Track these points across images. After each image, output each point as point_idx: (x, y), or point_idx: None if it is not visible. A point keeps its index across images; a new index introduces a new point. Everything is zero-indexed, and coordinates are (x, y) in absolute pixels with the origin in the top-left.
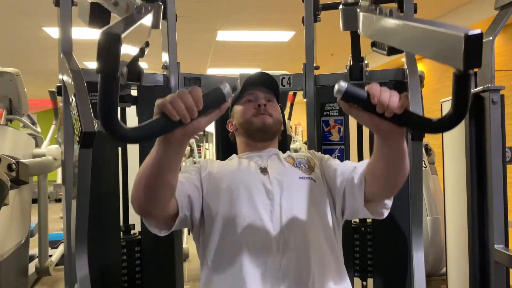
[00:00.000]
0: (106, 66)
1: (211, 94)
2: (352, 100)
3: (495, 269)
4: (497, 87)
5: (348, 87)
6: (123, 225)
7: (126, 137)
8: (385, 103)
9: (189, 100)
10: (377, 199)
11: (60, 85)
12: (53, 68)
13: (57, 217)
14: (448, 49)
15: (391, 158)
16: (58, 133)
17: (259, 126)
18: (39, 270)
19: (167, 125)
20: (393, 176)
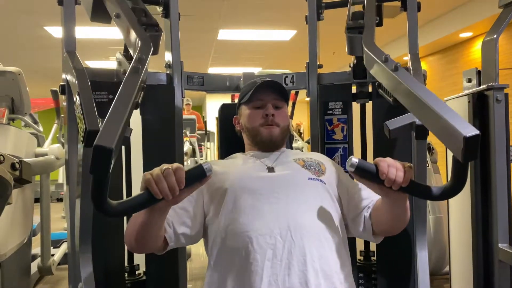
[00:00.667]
0: (99, 172)
1: (194, 172)
2: (363, 174)
3: (499, 268)
4: (501, 86)
5: (360, 163)
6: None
7: (114, 213)
8: (392, 179)
9: (173, 182)
10: (381, 235)
11: (64, 84)
12: (54, 67)
13: (59, 216)
14: (449, 138)
15: (395, 214)
16: (60, 132)
17: (266, 138)
18: (42, 269)
19: (150, 200)
20: (396, 225)
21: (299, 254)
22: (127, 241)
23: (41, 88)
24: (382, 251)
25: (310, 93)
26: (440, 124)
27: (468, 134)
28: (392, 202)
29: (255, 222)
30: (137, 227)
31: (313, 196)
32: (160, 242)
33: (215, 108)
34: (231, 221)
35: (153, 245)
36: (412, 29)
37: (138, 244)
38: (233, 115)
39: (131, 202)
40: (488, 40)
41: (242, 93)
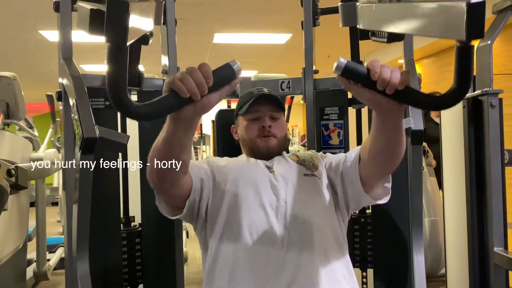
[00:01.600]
0: (115, 34)
1: (221, 71)
2: (351, 77)
3: (494, 272)
4: (496, 91)
5: (348, 63)
6: (124, 229)
7: (136, 113)
8: (387, 79)
9: (199, 76)
10: (375, 180)
11: (61, 91)
12: (50, 71)
13: (54, 221)
14: (450, 21)
15: (390, 135)
16: (55, 136)
17: (264, 149)
18: (37, 274)
19: (177, 102)
20: (392, 152)
21: (298, 250)
22: (148, 171)
23: (36, 92)
24: (379, 254)
25: (306, 99)
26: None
27: (472, 1)
28: (385, 117)
29: (256, 217)
30: (160, 146)
31: (310, 192)
32: (183, 176)
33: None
34: (232, 214)
35: (176, 174)
36: (407, 37)
37: (159, 170)
38: (230, 121)
39: (156, 104)
40: (483, 46)
41: (239, 103)
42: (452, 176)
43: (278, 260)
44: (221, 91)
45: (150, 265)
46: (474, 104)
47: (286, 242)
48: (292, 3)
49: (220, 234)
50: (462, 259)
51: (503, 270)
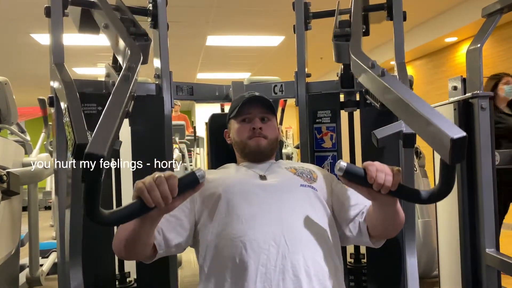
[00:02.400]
0: (90, 179)
1: (186, 179)
2: (351, 178)
3: (486, 273)
4: (486, 94)
5: (348, 167)
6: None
7: (107, 222)
8: (381, 184)
9: (165, 190)
10: (376, 238)
11: (52, 96)
12: (41, 74)
13: (47, 225)
14: (437, 141)
15: (386, 218)
16: (47, 140)
17: (254, 149)
18: (30, 280)
19: (142, 208)
20: (389, 228)
21: (293, 260)
22: (115, 248)
23: (28, 96)
24: (372, 256)
25: (299, 102)
26: (427, 127)
27: (455, 136)
28: (381, 206)
29: (249, 228)
30: (127, 235)
31: (305, 202)
32: (149, 250)
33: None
34: (225, 226)
35: (142, 253)
36: (398, 38)
37: (127, 251)
38: (223, 125)
39: (123, 211)
40: (473, 49)
41: (231, 107)
42: None
43: (273, 270)
44: (185, 195)
45: (143, 269)
46: (465, 107)
47: (281, 251)
48: (285, 5)
49: (213, 249)
50: (455, 260)
51: (495, 271)
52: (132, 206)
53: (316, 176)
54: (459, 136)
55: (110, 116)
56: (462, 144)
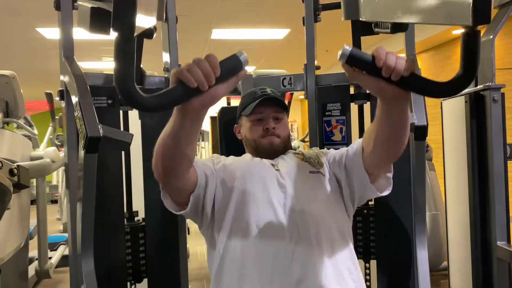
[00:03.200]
0: (122, 23)
1: (228, 61)
2: (356, 64)
3: (497, 266)
4: (498, 86)
5: (353, 50)
6: (127, 223)
7: (144, 104)
8: (392, 66)
9: (206, 67)
10: (379, 170)
11: (63, 89)
12: (48, 69)
13: (54, 218)
14: (456, 7)
15: (395, 122)
16: (54, 134)
17: (267, 148)
18: (39, 272)
19: (185, 93)
20: (397, 139)
21: (307, 246)
22: (153, 163)
23: (35, 90)
24: (382, 246)
25: (308, 95)
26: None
27: None
28: (390, 106)
29: (264, 213)
30: (166, 139)
31: (315, 188)
32: (187, 171)
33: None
34: (241, 210)
35: (181, 168)
36: (409, 31)
37: (164, 163)
38: (232, 118)
39: (164, 95)
40: (485, 40)
41: (242, 104)
42: (454, 171)
43: (287, 256)
44: (228, 82)
45: (154, 259)
46: (476, 99)
47: (295, 238)
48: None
49: (228, 232)
50: (465, 253)
51: (506, 264)
52: (173, 89)
53: (322, 161)
54: None
55: None
56: None
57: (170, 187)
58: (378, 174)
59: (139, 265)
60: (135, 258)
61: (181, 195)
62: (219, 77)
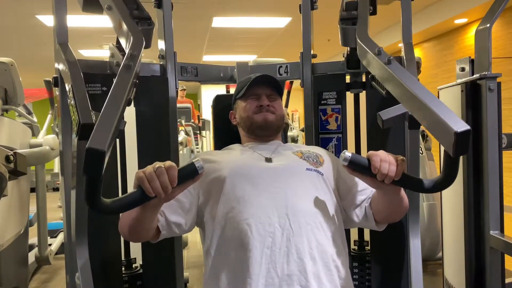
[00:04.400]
0: (92, 172)
1: (186, 169)
2: (356, 168)
3: (490, 255)
4: (494, 75)
5: (353, 157)
6: None
7: (108, 211)
8: (384, 174)
9: (165, 181)
10: (383, 222)
11: (57, 76)
12: (48, 56)
13: (55, 206)
14: (441, 133)
15: (391, 205)
16: (54, 122)
17: (261, 123)
18: (39, 259)
19: (143, 198)
20: (393, 213)
21: (298, 243)
22: (121, 231)
23: (34, 77)
24: (376, 239)
25: (304, 83)
26: (432, 119)
27: (459, 130)
28: (385, 193)
29: (254, 210)
30: (130, 221)
31: (310, 186)
32: (152, 232)
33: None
34: (230, 209)
35: (146, 235)
36: (406, 18)
37: (131, 235)
38: (227, 106)
39: (124, 200)
40: (482, 29)
41: (238, 88)
42: None
43: (279, 253)
44: (184, 185)
45: (149, 250)
46: (472, 88)
47: (286, 234)
48: None
49: (219, 233)
50: (459, 242)
51: (499, 253)
52: (133, 195)
53: (322, 160)
54: (463, 130)
55: (111, 109)
56: (466, 137)
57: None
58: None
59: (133, 259)
60: (129, 251)
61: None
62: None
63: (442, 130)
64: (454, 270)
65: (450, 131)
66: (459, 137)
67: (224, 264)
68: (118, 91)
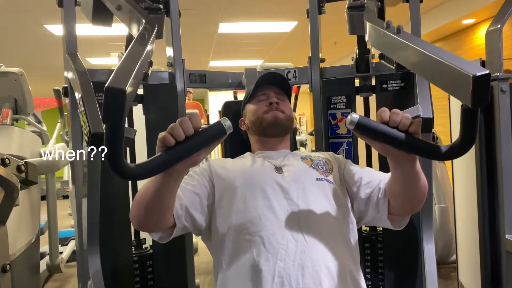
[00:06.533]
0: (112, 117)
1: (213, 128)
2: (364, 131)
3: (506, 259)
4: (506, 76)
5: (360, 119)
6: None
7: (131, 175)
8: (396, 122)
9: (189, 127)
10: (400, 214)
11: (67, 86)
12: (56, 65)
13: (66, 214)
14: (457, 84)
15: (405, 180)
16: (64, 130)
17: (271, 121)
18: (50, 267)
19: (170, 159)
20: (410, 196)
21: (312, 255)
22: (133, 216)
23: (43, 86)
24: (388, 243)
25: (313, 88)
26: (446, 71)
27: (477, 73)
28: (399, 165)
29: (267, 222)
30: (148, 196)
31: (322, 196)
32: (169, 219)
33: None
34: (242, 221)
35: (162, 220)
36: (414, 20)
37: (146, 216)
38: (236, 113)
39: (150, 163)
40: (492, 30)
41: (246, 93)
42: (463, 162)
43: (293, 265)
44: (211, 147)
45: (160, 258)
46: None
47: (300, 246)
48: None
49: (231, 244)
50: (473, 246)
51: None
52: (159, 157)
53: (332, 167)
54: (482, 74)
55: (131, 58)
56: (485, 83)
57: (151, 230)
58: (398, 217)
59: (145, 266)
60: (141, 259)
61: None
62: (203, 143)
63: (458, 80)
64: (469, 274)
65: (466, 77)
66: (477, 82)
67: (236, 277)
68: (137, 47)
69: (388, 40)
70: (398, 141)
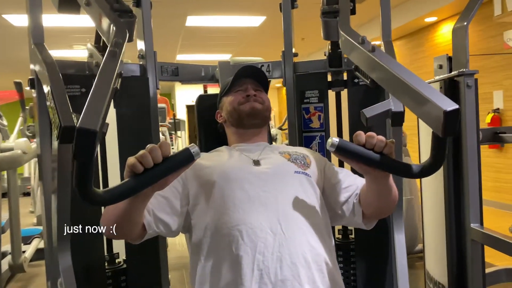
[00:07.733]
0: (83, 156)
1: (180, 155)
2: (344, 153)
3: (471, 247)
4: (472, 72)
5: (340, 142)
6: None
7: (100, 202)
8: (372, 144)
9: (158, 155)
10: (371, 218)
11: (33, 78)
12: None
13: (27, 211)
14: (430, 115)
15: (379, 193)
16: (24, 125)
17: (249, 111)
18: (13, 267)
19: (137, 186)
20: (383, 205)
21: (290, 247)
22: (104, 226)
23: (3, 79)
24: (360, 235)
25: (286, 82)
26: (420, 101)
27: (448, 109)
28: (374, 181)
29: (245, 215)
30: (117, 214)
31: (299, 189)
32: (138, 229)
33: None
34: (221, 215)
35: (132, 232)
36: (385, 17)
37: (117, 231)
38: (211, 106)
39: (118, 189)
40: (459, 27)
41: (223, 86)
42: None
43: (272, 258)
44: (178, 172)
45: (133, 254)
46: (451, 85)
47: (278, 238)
48: None
49: (209, 239)
50: (440, 236)
51: (479, 245)
52: (127, 183)
53: (309, 162)
54: (452, 109)
55: (100, 93)
56: (455, 116)
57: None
58: (371, 219)
59: (117, 264)
60: (113, 256)
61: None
62: (171, 169)
63: (430, 110)
64: (435, 262)
65: (439, 110)
66: (448, 116)
67: (216, 271)
68: (105, 78)
69: (363, 57)
70: (375, 162)
